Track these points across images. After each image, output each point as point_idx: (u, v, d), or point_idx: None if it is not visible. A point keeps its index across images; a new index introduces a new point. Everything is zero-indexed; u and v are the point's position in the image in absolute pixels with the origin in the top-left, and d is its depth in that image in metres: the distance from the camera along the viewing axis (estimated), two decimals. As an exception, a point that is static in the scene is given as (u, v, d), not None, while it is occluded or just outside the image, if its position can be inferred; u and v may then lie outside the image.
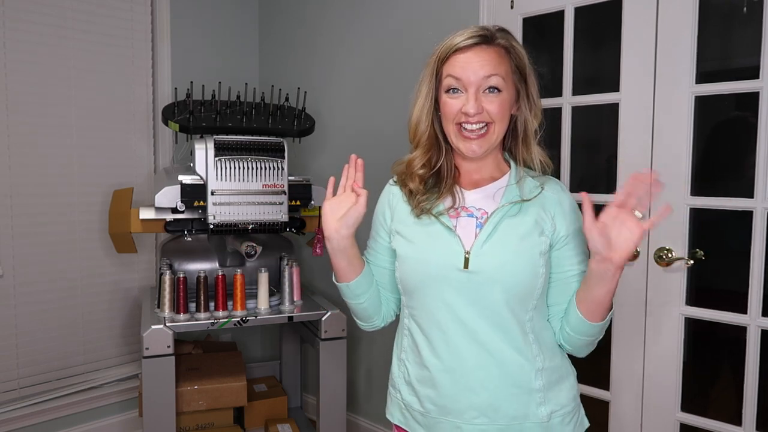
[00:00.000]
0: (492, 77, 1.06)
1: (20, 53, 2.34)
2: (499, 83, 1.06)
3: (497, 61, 1.07)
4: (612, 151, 1.83)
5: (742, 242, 1.62)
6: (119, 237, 2.21)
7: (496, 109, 1.07)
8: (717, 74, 1.69)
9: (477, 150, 1.08)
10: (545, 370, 1.09)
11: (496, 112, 1.07)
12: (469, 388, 1.07)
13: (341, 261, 1.15)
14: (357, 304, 1.22)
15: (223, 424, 2.37)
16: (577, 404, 1.16)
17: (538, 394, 1.08)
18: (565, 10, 1.90)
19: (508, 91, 1.08)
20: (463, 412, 1.08)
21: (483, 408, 1.07)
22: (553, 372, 1.11)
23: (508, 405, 1.07)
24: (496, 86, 1.06)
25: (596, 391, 1.90)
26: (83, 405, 2.55)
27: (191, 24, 2.85)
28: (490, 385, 1.07)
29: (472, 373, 1.07)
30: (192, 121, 2.12)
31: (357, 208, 1.10)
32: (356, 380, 2.71)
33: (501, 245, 1.07)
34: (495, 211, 1.09)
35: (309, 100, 2.57)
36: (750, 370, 1.62)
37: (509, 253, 1.06)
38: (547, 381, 1.09)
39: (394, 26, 2.44)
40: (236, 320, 2.06)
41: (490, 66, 1.06)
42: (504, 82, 1.07)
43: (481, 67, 1.06)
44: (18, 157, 2.35)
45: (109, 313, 2.64)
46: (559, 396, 1.11)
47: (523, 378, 1.07)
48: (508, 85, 1.08)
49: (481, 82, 1.06)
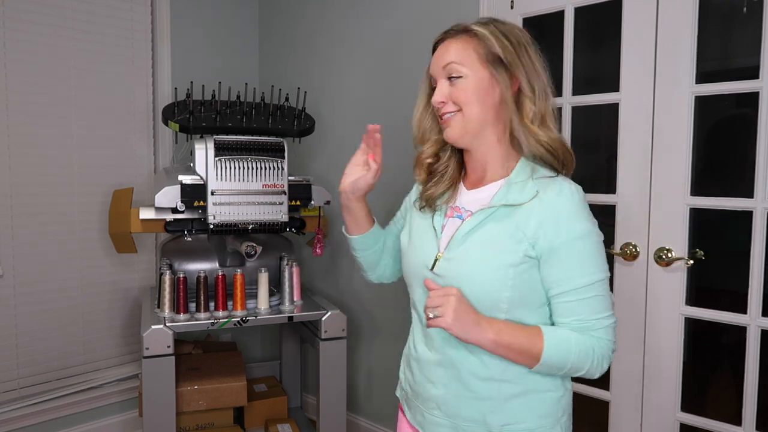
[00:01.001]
0: (449, 65, 1.07)
1: (20, 53, 2.34)
2: (457, 70, 1.06)
3: (457, 49, 1.07)
4: (612, 151, 1.83)
5: (742, 242, 1.62)
6: (119, 237, 2.21)
7: (460, 94, 1.06)
8: (717, 74, 1.69)
9: (451, 133, 1.09)
10: (506, 382, 1.05)
11: (459, 97, 1.07)
12: (429, 381, 1.13)
13: (347, 216, 1.26)
14: (356, 256, 1.34)
15: (223, 424, 2.37)
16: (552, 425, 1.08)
17: (490, 403, 1.06)
18: (565, 10, 1.90)
19: (477, 75, 1.06)
20: (425, 401, 1.14)
21: (439, 402, 1.11)
22: (518, 385, 1.06)
23: (460, 406, 1.08)
24: (455, 73, 1.07)
25: (596, 391, 1.90)
26: (83, 405, 2.55)
27: (191, 24, 2.85)
28: (447, 383, 1.10)
29: (433, 368, 1.12)
30: (192, 121, 2.12)
31: (366, 177, 1.17)
32: (356, 380, 2.71)
33: (470, 252, 1.05)
34: (474, 215, 1.07)
35: (309, 100, 2.57)
36: (750, 370, 1.62)
37: (475, 262, 1.03)
38: (507, 393, 1.06)
39: (394, 26, 2.44)
40: (236, 320, 2.06)
41: (447, 55, 1.08)
42: (465, 67, 1.06)
43: (441, 58, 1.09)
44: (18, 157, 2.35)
45: (109, 313, 2.64)
46: (518, 411, 1.06)
47: (476, 384, 1.06)
48: (473, 70, 1.06)
49: (442, 72, 1.09)
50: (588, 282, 1.01)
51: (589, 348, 1.01)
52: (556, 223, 1.00)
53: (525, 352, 1.00)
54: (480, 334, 0.99)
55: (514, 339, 1.00)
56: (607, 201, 1.85)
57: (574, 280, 1.01)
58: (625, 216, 1.81)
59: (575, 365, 1.01)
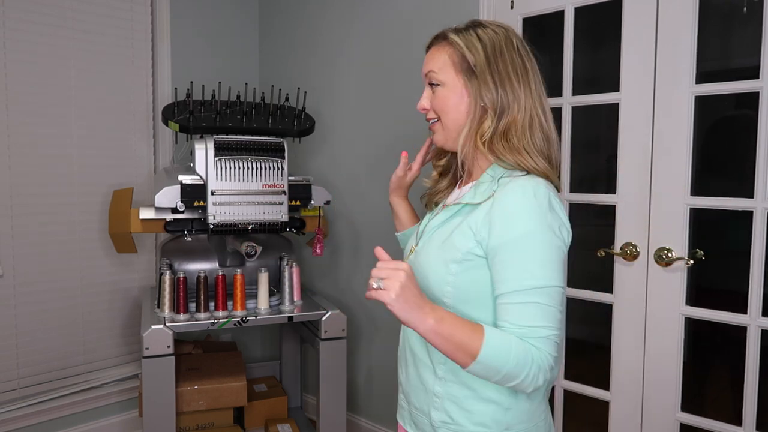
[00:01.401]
0: (429, 73, 1.10)
1: (20, 53, 2.34)
2: (436, 78, 1.08)
3: (435, 57, 1.09)
4: (612, 151, 1.83)
5: (742, 242, 1.62)
6: (119, 237, 2.21)
7: (437, 102, 1.09)
8: (717, 74, 1.69)
9: (436, 140, 1.13)
10: (447, 381, 1.05)
11: (436, 105, 1.09)
12: (400, 364, 1.19)
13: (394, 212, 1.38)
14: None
15: (223, 424, 2.37)
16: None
17: (434, 398, 1.07)
18: (565, 10, 1.90)
19: (452, 83, 1.07)
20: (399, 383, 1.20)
21: (403, 386, 1.17)
22: (462, 389, 1.04)
23: (414, 394, 1.12)
24: (434, 80, 1.09)
25: (596, 391, 1.90)
26: (83, 405, 2.55)
27: (191, 24, 2.85)
28: (407, 369, 1.15)
29: (401, 353, 1.19)
30: (192, 121, 2.12)
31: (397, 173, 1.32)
32: (356, 380, 2.71)
33: (428, 246, 1.09)
34: (441, 212, 1.11)
35: (309, 100, 2.57)
36: (750, 370, 1.62)
37: (429, 255, 1.07)
38: (448, 392, 1.05)
39: (394, 26, 2.44)
40: (236, 320, 2.06)
41: (430, 62, 1.10)
42: (442, 75, 1.07)
43: (425, 64, 1.11)
44: (18, 157, 2.35)
45: (109, 313, 2.64)
46: (458, 414, 1.04)
47: (425, 375, 1.10)
48: (447, 78, 1.07)
49: (425, 79, 1.11)
50: (527, 286, 0.94)
51: (528, 357, 0.92)
52: (501, 221, 0.96)
53: (463, 346, 0.92)
54: (421, 317, 0.92)
55: (454, 330, 0.92)
56: (607, 201, 1.85)
57: (512, 282, 0.95)
58: (625, 216, 1.81)
59: (511, 371, 0.92)
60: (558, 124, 1.93)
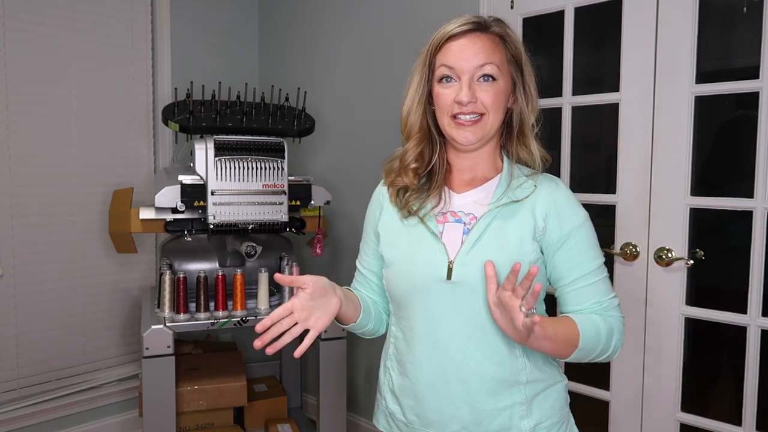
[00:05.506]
0: (486, 65, 1.01)
1: (20, 53, 2.34)
2: (493, 71, 1.01)
3: (492, 49, 1.02)
4: (612, 151, 1.83)
5: (742, 242, 1.62)
6: (119, 237, 2.21)
7: (490, 98, 1.02)
8: (717, 74, 1.69)
9: (471, 138, 1.03)
10: (530, 383, 1.04)
11: (491, 101, 1.02)
12: (450, 402, 1.04)
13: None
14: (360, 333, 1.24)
15: (223, 424, 2.37)
16: (565, 414, 1.10)
17: (520, 408, 1.04)
18: (565, 10, 1.90)
19: (504, 80, 1.03)
20: (445, 425, 1.05)
21: (465, 422, 1.04)
22: (539, 383, 1.06)
23: (489, 420, 1.03)
24: (491, 74, 1.01)
25: (596, 391, 1.90)
26: (83, 405, 2.55)
27: (191, 24, 2.85)
28: (470, 400, 1.03)
29: (452, 387, 1.04)
30: (192, 121, 2.12)
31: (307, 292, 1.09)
32: (356, 380, 2.71)
33: (487, 253, 1.00)
34: (483, 216, 1.03)
35: (309, 100, 2.57)
36: (750, 370, 1.62)
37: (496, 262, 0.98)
38: (531, 393, 1.05)
39: (393, 26, 2.44)
40: (236, 320, 2.06)
41: (484, 53, 1.01)
42: (499, 70, 1.02)
43: (475, 55, 1.01)
44: (18, 157, 2.35)
45: (109, 313, 2.64)
46: (543, 407, 1.06)
47: (503, 393, 1.03)
48: (503, 74, 1.03)
49: (475, 71, 1.01)
50: (597, 265, 1.05)
51: (611, 327, 1.03)
52: (559, 214, 1.04)
53: (567, 339, 0.98)
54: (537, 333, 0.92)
55: (557, 328, 0.97)
56: (607, 201, 1.85)
57: (586, 265, 1.04)
58: (625, 216, 1.81)
59: (605, 345, 1.02)
60: (558, 124, 1.95)
